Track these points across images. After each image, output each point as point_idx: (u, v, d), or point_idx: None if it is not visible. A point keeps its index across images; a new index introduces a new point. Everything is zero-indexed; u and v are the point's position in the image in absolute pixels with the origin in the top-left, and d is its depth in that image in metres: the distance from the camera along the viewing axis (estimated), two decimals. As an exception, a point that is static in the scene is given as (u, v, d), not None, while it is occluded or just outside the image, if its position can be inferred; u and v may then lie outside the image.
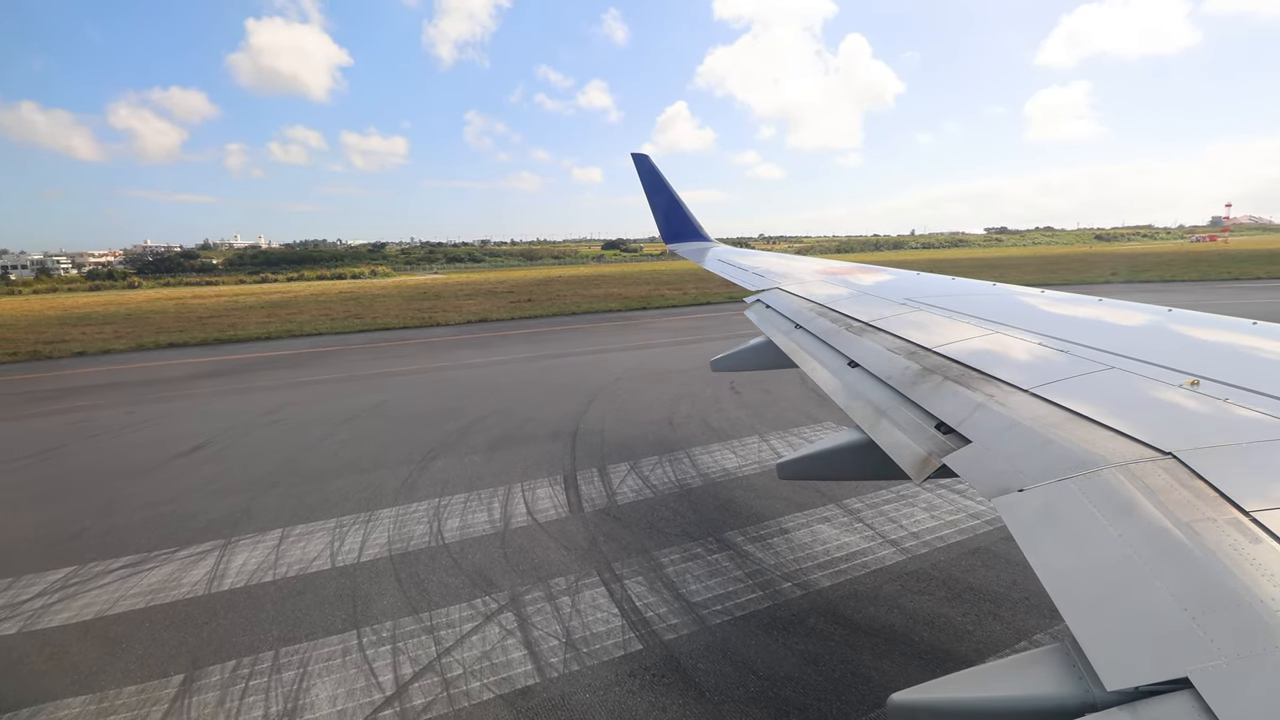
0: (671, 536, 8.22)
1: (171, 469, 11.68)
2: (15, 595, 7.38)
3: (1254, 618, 1.43)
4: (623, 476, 10.34)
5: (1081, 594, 1.75)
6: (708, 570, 7.37)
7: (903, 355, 3.94)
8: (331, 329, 32.23)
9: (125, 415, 15.96)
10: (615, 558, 7.71)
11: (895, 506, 8.81)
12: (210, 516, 9.41)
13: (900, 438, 3.10)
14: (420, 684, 5.59)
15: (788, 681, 5.50)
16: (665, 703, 5.29)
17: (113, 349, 27.82)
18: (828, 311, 5.72)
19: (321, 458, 11.94)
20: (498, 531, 8.51)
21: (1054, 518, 2.06)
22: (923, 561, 7.42)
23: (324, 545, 8.34)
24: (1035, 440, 2.51)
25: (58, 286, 76.96)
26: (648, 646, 6.02)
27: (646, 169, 14.24)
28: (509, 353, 23.45)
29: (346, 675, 5.75)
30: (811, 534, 8.16)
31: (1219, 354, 3.32)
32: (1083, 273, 52.02)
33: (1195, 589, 1.57)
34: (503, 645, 6.10)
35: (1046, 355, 3.43)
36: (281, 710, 5.34)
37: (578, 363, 20.81)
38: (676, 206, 14.55)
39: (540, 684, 5.55)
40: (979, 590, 6.80)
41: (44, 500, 10.47)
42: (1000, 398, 2.96)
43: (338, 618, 6.68)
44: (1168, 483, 1.98)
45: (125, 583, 7.58)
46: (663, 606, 6.65)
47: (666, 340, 25.00)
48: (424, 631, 6.36)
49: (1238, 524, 1.73)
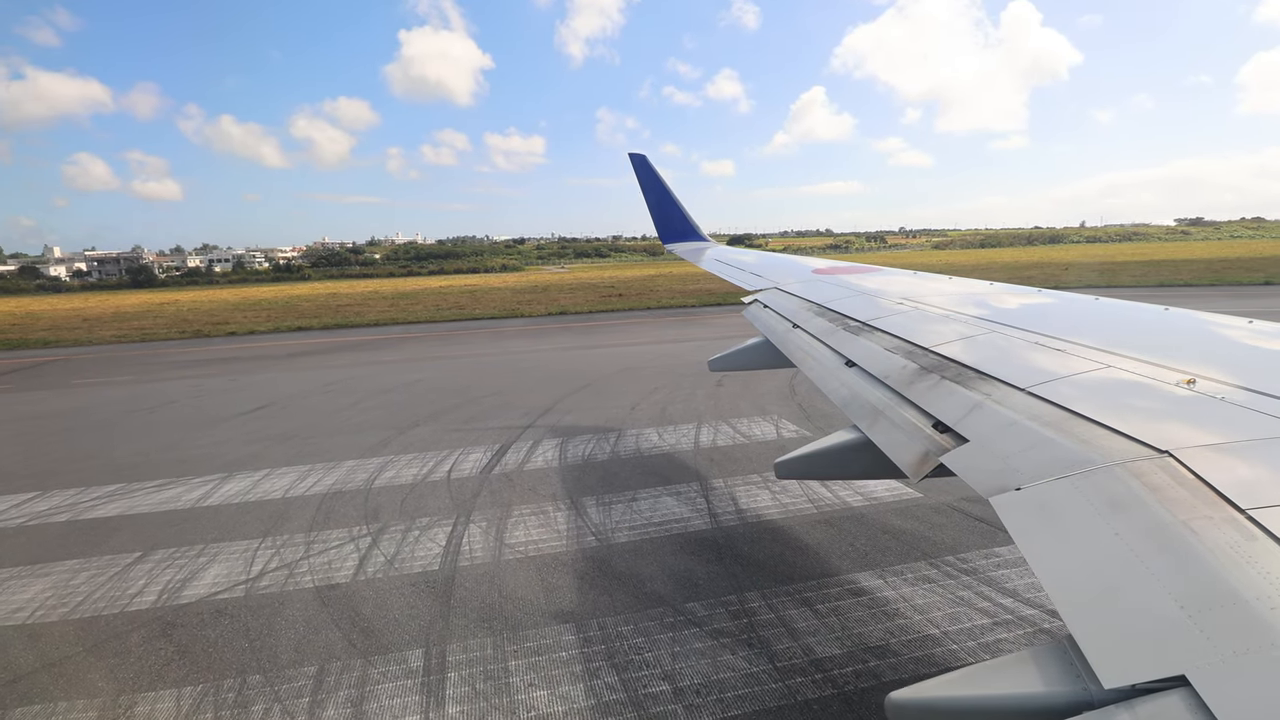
0: (542, 497, 9.71)
1: (232, 423, 14.99)
2: (79, 498, 10.50)
3: (1251, 616, 1.44)
4: (547, 449, 11.95)
5: (1079, 592, 1.77)
6: (540, 523, 8.80)
7: (900, 354, 3.97)
8: (430, 318, 36.56)
9: (229, 381, 20.10)
10: (481, 508, 9.38)
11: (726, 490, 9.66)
12: (232, 457, 12.32)
13: (898, 437, 3.12)
14: (277, 574, 7.65)
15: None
16: (393, 587, 6.92)
17: (256, 330, 33.81)
18: (825, 311, 5.76)
19: (337, 421, 14.70)
20: (411, 484, 10.49)
21: (1051, 516, 2.08)
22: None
23: (290, 482, 10.79)
24: (1032, 439, 2.53)
25: (246, 278, 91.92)
26: (441, 567, 7.66)
27: (644, 169, 14.93)
28: (553, 343, 25.71)
29: (233, 563, 7.95)
30: (653, 505, 9.29)
31: (1216, 353, 3.30)
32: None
33: (1192, 587, 1.58)
34: (340, 553, 8.04)
35: (1043, 354, 3.45)
36: (184, 578, 7.62)
37: (603, 354, 22.53)
38: (674, 206, 15.33)
39: (348, 584, 7.39)
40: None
41: (139, 436, 14.08)
42: (997, 397, 2.99)
43: (257, 529, 8.97)
44: (1165, 481, 2.00)
45: (149, 496, 10.46)
46: (480, 550, 8.23)
47: (710, 334, 25.98)
48: (304, 544, 8.45)
49: (1234, 522, 1.73)
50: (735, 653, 5.92)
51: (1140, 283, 42.24)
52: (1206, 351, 3.30)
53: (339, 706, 5.42)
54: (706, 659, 5.85)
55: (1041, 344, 3.60)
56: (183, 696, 5.60)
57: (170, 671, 5.96)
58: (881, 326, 4.71)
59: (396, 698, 5.49)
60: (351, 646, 6.23)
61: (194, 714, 5.39)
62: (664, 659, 5.86)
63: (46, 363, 25.90)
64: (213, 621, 6.74)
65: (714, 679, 5.58)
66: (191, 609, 7.00)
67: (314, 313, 41.27)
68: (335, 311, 41.86)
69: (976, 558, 7.47)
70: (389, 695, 5.53)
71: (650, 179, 14.69)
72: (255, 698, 5.56)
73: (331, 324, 35.40)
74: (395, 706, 5.39)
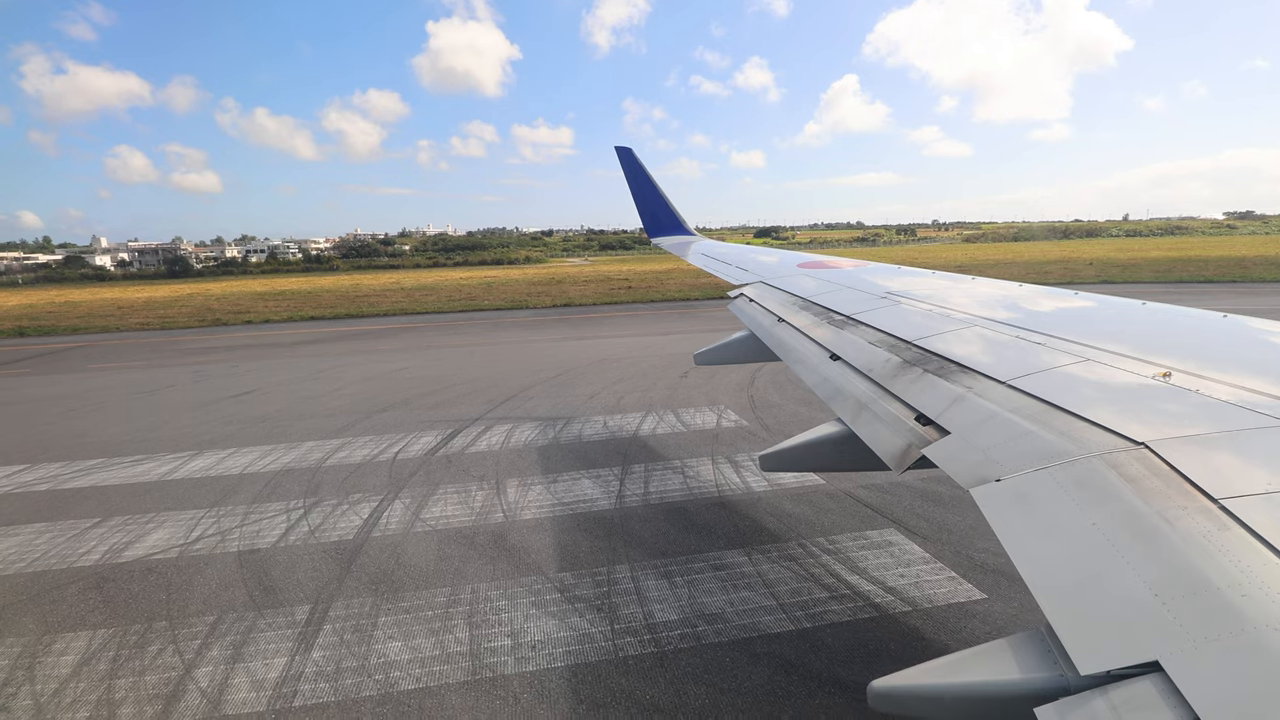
0: (471, 478, 10.41)
1: (218, 405, 16.07)
2: (63, 470, 11.57)
3: (1222, 602, 1.48)
4: (495, 435, 12.65)
5: (1056, 581, 1.81)
6: (459, 501, 9.50)
7: (883, 348, 4.01)
8: (439, 309, 37.66)
9: (229, 368, 21.32)
10: (411, 486, 10.11)
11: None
12: (208, 437, 13.31)
13: (881, 430, 3.15)
14: (210, 539, 8.50)
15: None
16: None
17: (271, 319, 35.33)
18: (810, 305, 5.81)
19: (313, 406, 15.64)
20: (359, 464, 11.29)
21: (1030, 507, 2.12)
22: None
23: (250, 460, 11.70)
24: (1012, 431, 2.57)
25: (278, 269, 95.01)
26: (355, 537, 8.41)
27: (630, 163, 14.80)
28: (546, 334, 26.46)
29: (176, 529, 8.83)
30: (569, 486, 9.91)
31: (1190, 346, 3.35)
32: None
33: (1166, 575, 1.62)
34: (271, 523, 8.85)
35: (1023, 348, 3.51)
36: (129, 541, 8.52)
37: (588, 345, 23.16)
38: (660, 200, 15.25)
39: (268, 549, 8.19)
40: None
41: (133, 417, 15.23)
42: (978, 389, 3.04)
43: (207, 500, 9.86)
44: (1141, 472, 2.04)
45: (124, 470, 11.48)
46: (395, 524, 8.95)
47: (702, 327, 26.47)
48: (242, 514, 9.30)
49: (1207, 512, 1.77)
50: (583, 616, 6.52)
51: (1161, 279, 41.21)
52: (1182, 345, 3.37)
53: (223, 649, 6.19)
54: (555, 620, 6.46)
55: (1022, 337, 3.66)
56: (95, 637, 6.44)
57: (92, 617, 6.82)
58: (866, 320, 4.78)
59: (273, 644, 6.24)
60: (251, 601, 7.01)
61: (101, 651, 6.22)
62: (517, 619, 6.50)
63: (71, 348, 27.65)
64: (141, 577, 7.60)
65: (553, 636, 6.19)
66: (126, 567, 7.88)
67: (331, 303, 42.76)
68: (351, 302, 43.28)
69: (845, 539, 7.91)
70: (268, 641, 6.28)
71: (636, 172, 14.66)
72: (155, 640, 6.37)
73: (343, 314, 36.74)
74: (269, 650, 6.14)
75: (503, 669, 5.76)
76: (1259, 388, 2.54)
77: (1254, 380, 2.62)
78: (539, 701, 5.35)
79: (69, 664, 6.04)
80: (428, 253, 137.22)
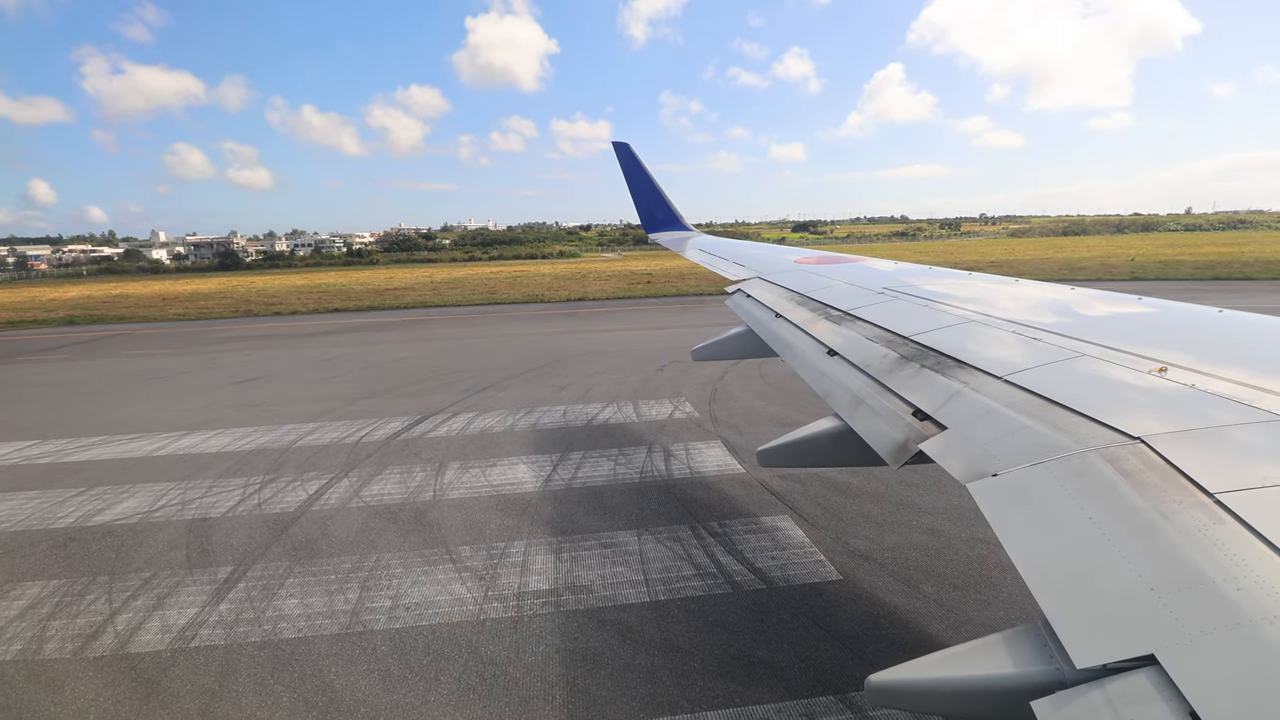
0: (420, 460, 11.17)
1: (221, 390, 17.32)
2: (66, 445, 12.83)
3: (1217, 596, 1.50)
4: (459, 421, 13.41)
5: (1053, 575, 1.82)
6: (399, 481, 10.25)
7: (881, 343, 4.03)
8: (457, 302, 38.92)
9: (243, 356, 22.76)
10: (363, 467, 10.93)
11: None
12: (201, 418, 14.47)
13: (878, 425, 3.17)
14: (171, 508, 9.45)
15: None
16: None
17: (298, 310, 37.16)
18: (808, 300, 5.85)
19: (305, 392, 16.73)
20: (325, 446, 12.19)
21: (1026, 502, 2.14)
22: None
23: (230, 440, 12.75)
24: (1009, 426, 2.59)
25: (321, 262, 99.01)
26: (295, 510, 9.24)
27: (627, 158, 14.68)
28: (549, 327, 27.27)
29: (145, 498, 9.83)
30: (505, 470, 10.56)
31: (1186, 342, 3.36)
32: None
33: (1161, 569, 1.64)
34: (229, 496, 9.78)
35: (1019, 343, 3.54)
36: (102, 508, 9.55)
37: (583, 338, 23.85)
38: (657, 196, 15.07)
39: (217, 518, 9.08)
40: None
41: (145, 399, 16.60)
42: (975, 385, 3.06)
43: (180, 474, 10.88)
44: (1136, 467, 2.05)
45: (120, 446, 12.66)
46: (335, 499, 9.76)
47: (703, 321, 26.79)
48: (206, 487, 10.26)
49: (1203, 506, 1.78)
50: (465, 584, 7.16)
51: (1195, 276, 39.52)
52: (1178, 340, 3.40)
53: (148, 599, 7.05)
54: (438, 587, 7.11)
55: (1019, 333, 3.70)
56: (46, 586, 7.40)
57: (49, 570, 7.80)
58: (863, 316, 4.80)
59: (191, 596, 7.08)
60: (187, 561, 7.89)
61: (48, 597, 7.16)
62: (404, 585, 7.18)
63: (112, 337, 29.78)
64: (100, 539, 8.57)
65: (430, 599, 6.85)
66: (91, 529, 8.88)
67: (360, 296, 44.52)
68: (378, 295, 44.94)
69: (736, 524, 8.34)
70: (188, 593, 7.13)
71: (633, 167, 14.63)
72: (93, 589, 7.29)
73: (367, 306, 38.36)
74: (185, 602, 6.97)
75: (373, 625, 6.44)
76: (1255, 382, 2.56)
77: (1250, 375, 2.65)
78: (393, 653, 6.01)
79: (18, 608, 7.00)
80: (465, 247, 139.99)
